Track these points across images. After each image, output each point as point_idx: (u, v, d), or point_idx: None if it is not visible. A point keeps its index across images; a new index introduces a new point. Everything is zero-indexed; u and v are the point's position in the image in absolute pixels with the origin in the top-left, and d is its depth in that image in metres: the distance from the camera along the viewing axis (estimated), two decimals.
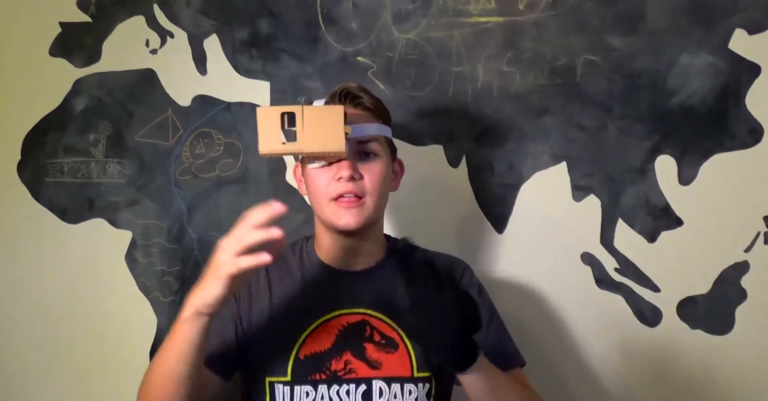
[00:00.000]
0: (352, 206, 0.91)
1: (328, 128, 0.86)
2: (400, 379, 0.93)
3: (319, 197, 0.93)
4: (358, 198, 0.91)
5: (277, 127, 0.87)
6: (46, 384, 1.40)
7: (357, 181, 0.91)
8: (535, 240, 1.24)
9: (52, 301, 1.39)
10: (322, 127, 0.86)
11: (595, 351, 1.24)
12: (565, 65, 1.20)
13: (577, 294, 1.23)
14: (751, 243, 1.17)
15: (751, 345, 1.18)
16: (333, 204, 0.91)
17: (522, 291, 1.25)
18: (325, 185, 0.91)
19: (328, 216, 0.92)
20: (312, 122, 0.86)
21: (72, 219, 1.37)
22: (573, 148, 1.21)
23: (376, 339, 0.94)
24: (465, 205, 1.25)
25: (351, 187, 0.90)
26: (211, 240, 1.32)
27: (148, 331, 1.36)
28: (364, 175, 0.92)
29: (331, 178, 0.91)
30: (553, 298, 1.24)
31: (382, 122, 0.97)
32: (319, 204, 0.93)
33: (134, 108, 1.34)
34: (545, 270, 1.24)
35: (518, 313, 1.25)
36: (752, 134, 1.16)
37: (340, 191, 0.90)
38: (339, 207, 0.91)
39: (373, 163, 0.93)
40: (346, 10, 1.25)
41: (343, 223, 0.91)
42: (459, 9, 1.21)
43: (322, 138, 0.86)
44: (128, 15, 1.33)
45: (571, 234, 1.23)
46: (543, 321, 1.25)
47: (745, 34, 1.14)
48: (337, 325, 0.94)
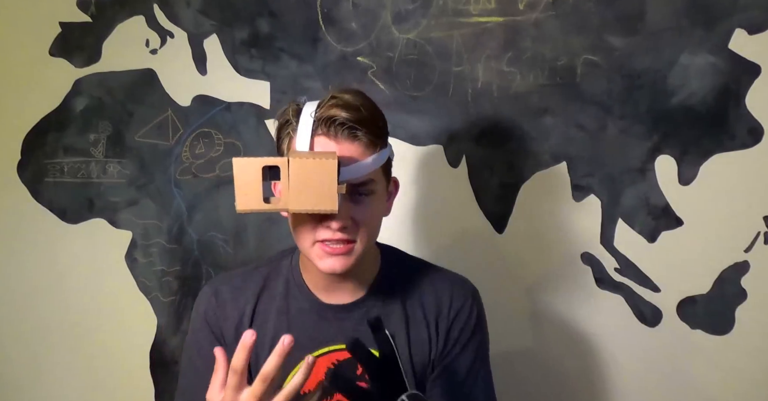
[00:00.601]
0: (339, 253, 0.80)
1: (318, 184, 0.73)
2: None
3: (302, 237, 0.82)
4: (348, 242, 0.81)
5: (258, 182, 0.74)
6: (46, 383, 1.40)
7: (349, 228, 0.80)
8: (535, 240, 1.24)
9: (52, 301, 1.39)
10: (311, 181, 0.73)
11: (595, 351, 1.24)
12: (565, 65, 1.19)
13: (577, 294, 1.23)
14: (751, 243, 1.17)
15: (751, 345, 1.18)
16: (318, 246, 0.81)
17: (522, 292, 1.25)
18: (310, 229, 0.80)
19: (311, 257, 0.82)
20: (300, 176, 0.73)
21: (72, 219, 1.37)
22: (573, 148, 1.21)
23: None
24: (465, 205, 1.25)
25: (340, 235, 0.79)
26: (211, 240, 1.33)
27: (148, 331, 1.36)
28: (356, 217, 0.80)
29: (318, 222, 0.80)
30: (553, 298, 1.24)
31: (380, 147, 0.82)
32: (301, 243, 0.82)
33: (134, 108, 1.34)
34: (545, 270, 1.24)
35: (518, 314, 1.25)
36: (752, 134, 1.16)
37: (327, 237, 0.80)
38: (324, 252, 0.80)
39: (366, 203, 0.82)
40: (346, 10, 1.25)
41: (328, 268, 0.81)
42: (459, 9, 1.21)
43: (311, 194, 0.74)
44: (128, 15, 1.33)
45: (571, 234, 1.23)
46: (543, 321, 1.25)
47: (745, 34, 1.14)
48: (326, 363, 0.87)
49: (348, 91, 0.83)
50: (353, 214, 0.80)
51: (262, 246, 1.31)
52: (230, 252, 1.32)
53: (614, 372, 1.24)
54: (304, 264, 0.90)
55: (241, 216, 1.31)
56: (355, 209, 0.80)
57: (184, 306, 1.35)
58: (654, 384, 1.22)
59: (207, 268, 1.33)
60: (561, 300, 1.24)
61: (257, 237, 1.32)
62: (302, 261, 0.90)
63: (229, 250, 1.33)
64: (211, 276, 1.33)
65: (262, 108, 1.30)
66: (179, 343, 1.35)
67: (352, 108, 0.79)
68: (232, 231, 1.32)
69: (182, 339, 1.34)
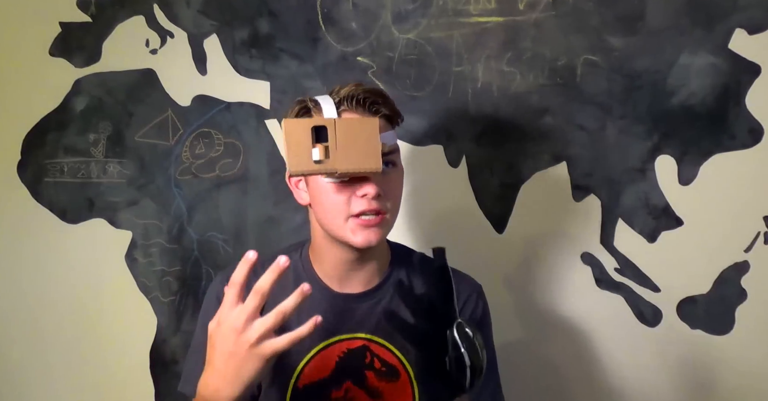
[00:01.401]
0: (373, 224, 0.83)
1: (363, 143, 0.77)
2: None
3: (334, 213, 0.84)
4: (379, 214, 0.84)
5: (308, 143, 0.77)
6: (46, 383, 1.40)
7: (380, 198, 0.83)
8: (535, 240, 1.24)
9: (52, 301, 1.39)
10: (357, 141, 0.77)
11: (595, 351, 1.24)
12: (565, 65, 1.19)
13: (577, 294, 1.23)
14: (751, 243, 1.17)
15: (751, 345, 1.18)
16: (353, 221, 0.83)
17: (522, 292, 1.25)
18: (344, 201, 0.83)
19: (344, 233, 0.84)
20: (346, 137, 0.77)
21: (72, 219, 1.37)
22: (573, 148, 1.21)
23: (376, 367, 0.89)
24: (465, 205, 1.25)
25: (375, 205, 0.82)
26: (211, 240, 1.33)
27: (148, 331, 1.36)
28: (385, 189, 0.84)
29: (351, 194, 0.83)
30: (553, 298, 1.24)
31: (395, 126, 0.90)
32: (333, 220, 0.85)
33: (134, 108, 1.34)
34: (545, 270, 1.24)
35: (518, 314, 1.25)
36: (752, 134, 1.16)
37: (363, 209, 0.82)
38: (359, 225, 0.83)
39: (393, 175, 0.86)
40: (346, 10, 1.25)
41: (363, 242, 0.83)
42: (459, 9, 1.21)
43: (356, 154, 0.78)
44: (128, 15, 1.33)
45: (571, 234, 1.23)
46: (543, 321, 1.25)
47: (745, 34, 1.14)
48: (337, 352, 0.89)
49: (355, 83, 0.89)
50: (384, 184, 0.84)
51: (262, 246, 1.31)
52: (230, 252, 1.32)
53: (614, 372, 1.24)
54: (315, 256, 0.92)
55: (241, 216, 1.31)
56: (384, 180, 0.84)
57: (184, 306, 1.35)
58: (654, 384, 1.22)
59: (207, 268, 1.33)
60: (561, 300, 1.24)
61: (257, 237, 1.32)
62: (314, 253, 0.93)
63: (229, 250, 1.33)
64: (211, 276, 1.33)
65: (262, 108, 1.30)
66: (179, 343, 1.35)
67: (370, 88, 0.86)
68: (232, 231, 1.32)
69: (182, 339, 1.34)
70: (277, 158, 1.30)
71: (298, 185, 0.90)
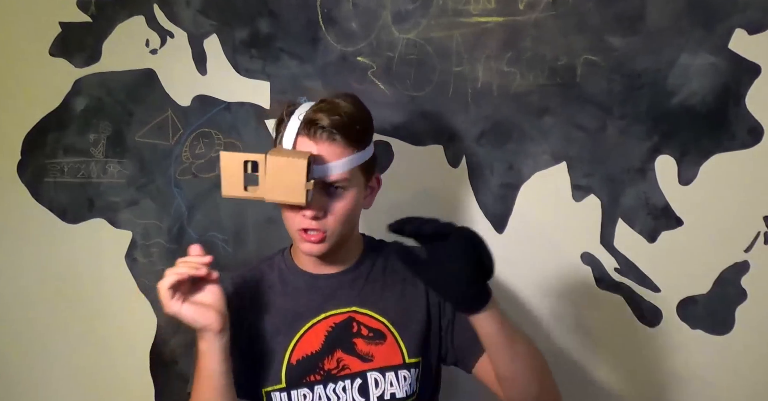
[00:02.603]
0: (314, 241, 0.91)
1: (290, 180, 0.85)
2: (393, 367, 0.95)
3: (288, 225, 0.94)
4: (319, 231, 0.91)
5: (240, 173, 0.87)
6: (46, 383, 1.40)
7: (321, 219, 0.90)
8: (535, 240, 1.24)
9: (52, 301, 1.39)
10: (284, 177, 0.85)
11: (595, 351, 1.24)
12: (565, 65, 1.19)
13: (577, 294, 1.23)
14: (751, 243, 1.17)
15: (751, 345, 1.18)
16: (299, 233, 0.92)
17: (522, 291, 1.25)
18: (291, 216, 0.92)
19: (295, 241, 0.94)
20: (275, 172, 0.85)
21: (72, 219, 1.37)
22: (573, 148, 1.21)
23: (363, 334, 0.96)
24: (465, 205, 1.25)
25: (314, 225, 0.90)
26: (211, 240, 1.33)
27: (148, 331, 1.36)
28: (329, 211, 0.91)
29: (296, 211, 0.90)
30: (553, 298, 1.24)
31: (358, 149, 0.91)
32: (289, 229, 0.94)
33: (134, 108, 1.34)
34: (545, 270, 1.24)
35: (518, 313, 1.25)
36: (752, 134, 1.16)
37: (304, 226, 0.91)
38: (303, 239, 0.92)
39: (339, 198, 0.91)
40: (346, 10, 1.25)
41: (307, 251, 0.93)
42: (459, 9, 1.21)
43: (284, 188, 0.85)
44: (128, 15, 1.33)
45: (571, 234, 1.23)
46: (543, 321, 1.25)
47: (745, 34, 1.14)
48: (325, 327, 0.96)
49: (339, 95, 0.93)
50: (327, 206, 0.91)
51: (262, 246, 1.31)
52: (230, 252, 1.32)
53: (614, 372, 1.24)
54: (296, 250, 1.00)
55: (241, 216, 1.32)
56: (329, 202, 0.91)
57: None
58: (654, 384, 1.22)
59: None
60: (561, 300, 1.24)
61: (257, 237, 1.32)
62: (295, 248, 1.01)
63: (229, 250, 1.33)
64: None
65: (262, 108, 1.30)
66: (179, 343, 1.35)
67: (334, 113, 0.89)
68: (232, 231, 1.32)
69: (182, 339, 1.34)
70: None
71: None
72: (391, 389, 0.94)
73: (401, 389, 0.95)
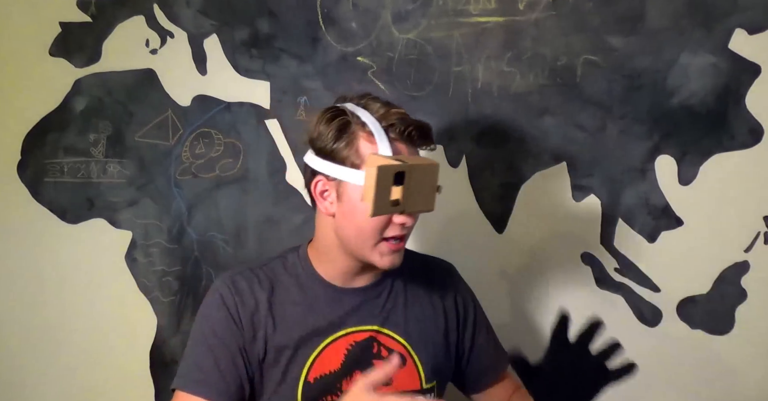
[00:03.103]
0: (399, 249, 0.89)
1: (426, 186, 0.82)
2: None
3: (367, 234, 0.87)
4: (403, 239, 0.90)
5: (390, 187, 0.79)
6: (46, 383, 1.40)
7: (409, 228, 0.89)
8: (535, 240, 1.24)
9: (51, 301, 1.39)
10: (422, 185, 0.82)
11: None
12: (565, 65, 1.19)
13: (577, 294, 1.23)
14: (751, 243, 1.17)
15: (751, 345, 1.18)
16: (383, 244, 0.88)
17: (522, 292, 1.25)
18: (381, 225, 0.86)
19: (370, 254, 0.88)
20: (415, 181, 0.81)
21: (72, 219, 1.37)
22: (573, 148, 1.21)
23: (384, 356, 0.93)
24: (465, 205, 1.25)
25: (406, 232, 0.89)
26: (211, 240, 1.33)
27: (148, 331, 1.36)
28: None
29: (388, 220, 0.86)
30: (553, 298, 1.24)
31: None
32: (364, 242, 0.88)
33: (134, 108, 1.34)
34: (545, 270, 1.24)
35: (518, 313, 1.25)
36: (752, 134, 1.16)
37: (398, 234, 0.87)
38: (390, 250, 0.88)
39: None
40: (346, 10, 1.25)
41: (389, 265, 0.89)
42: (459, 9, 1.21)
43: (420, 196, 0.82)
44: (128, 15, 1.33)
45: (571, 234, 1.23)
46: (543, 321, 1.25)
47: (745, 34, 1.14)
48: (345, 344, 0.92)
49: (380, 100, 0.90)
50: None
51: (262, 246, 1.31)
52: (230, 252, 1.32)
53: None
54: (320, 257, 0.94)
55: (241, 216, 1.31)
56: None
57: (184, 306, 1.35)
58: (654, 384, 1.22)
59: (207, 268, 1.33)
60: (561, 300, 1.24)
61: (257, 237, 1.32)
62: (318, 254, 0.95)
63: (229, 250, 1.33)
64: (211, 276, 1.33)
65: (262, 108, 1.30)
66: (179, 343, 1.35)
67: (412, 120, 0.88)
68: (232, 231, 1.32)
69: (182, 339, 1.34)
70: (277, 158, 1.30)
71: (324, 195, 0.90)
72: None
73: None
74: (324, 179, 0.88)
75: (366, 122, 0.85)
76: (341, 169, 0.86)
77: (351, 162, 0.85)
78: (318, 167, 0.88)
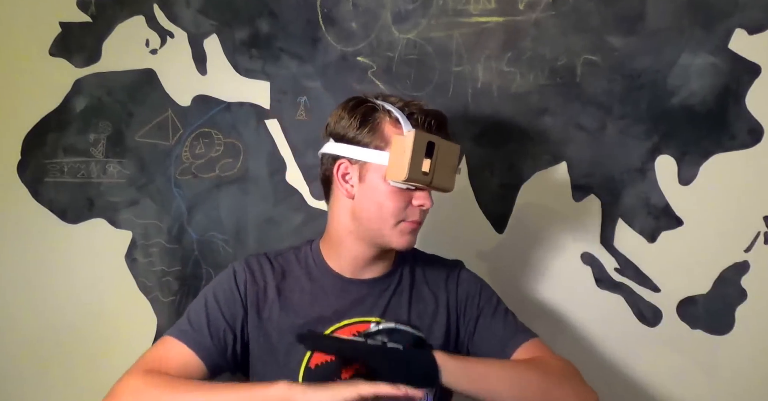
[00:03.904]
0: (416, 230, 0.94)
1: (449, 165, 0.87)
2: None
3: (386, 216, 0.92)
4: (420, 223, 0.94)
5: (422, 156, 0.85)
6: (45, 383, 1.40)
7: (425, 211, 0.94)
8: (535, 240, 1.24)
9: (51, 301, 1.38)
10: (446, 162, 0.87)
11: (595, 351, 1.24)
12: (565, 65, 1.19)
13: (577, 294, 1.23)
14: (751, 243, 1.17)
15: (751, 345, 1.18)
16: (402, 225, 0.92)
17: (522, 292, 1.25)
18: (401, 207, 0.91)
19: (389, 233, 0.93)
20: (442, 157, 0.87)
21: (72, 219, 1.37)
22: (573, 148, 1.21)
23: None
24: (465, 205, 1.25)
25: (424, 216, 0.94)
26: (211, 240, 1.33)
27: (148, 331, 1.36)
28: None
29: (407, 202, 0.91)
30: (553, 298, 1.24)
31: None
32: (383, 223, 0.92)
33: (134, 108, 1.34)
34: (545, 270, 1.24)
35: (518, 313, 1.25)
36: (752, 134, 1.16)
37: (417, 218, 0.92)
38: (406, 230, 0.93)
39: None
40: (346, 10, 1.25)
41: (407, 244, 0.93)
42: (459, 9, 1.21)
43: (444, 174, 0.87)
44: (128, 15, 1.33)
45: (571, 234, 1.23)
46: (543, 321, 1.25)
47: (745, 34, 1.14)
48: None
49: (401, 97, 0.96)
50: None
51: (262, 246, 1.31)
52: (230, 252, 1.32)
53: (614, 372, 1.24)
54: (331, 249, 0.99)
55: (241, 216, 1.31)
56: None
57: (184, 306, 1.34)
58: (654, 384, 1.22)
59: (207, 268, 1.33)
60: (561, 300, 1.24)
61: (257, 237, 1.32)
62: (329, 246, 0.99)
63: (229, 250, 1.32)
64: (211, 276, 1.33)
65: (262, 108, 1.30)
66: None
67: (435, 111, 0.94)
68: (232, 231, 1.32)
69: None
70: (277, 158, 1.30)
71: (346, 178, 0.94)
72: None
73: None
74: (347, 162, 0.93)
75: (391, 109, 0.91)
76: (366, 151, 0.91)
77: (375, 144, 0.90)
78: (340, 152, 0.93)
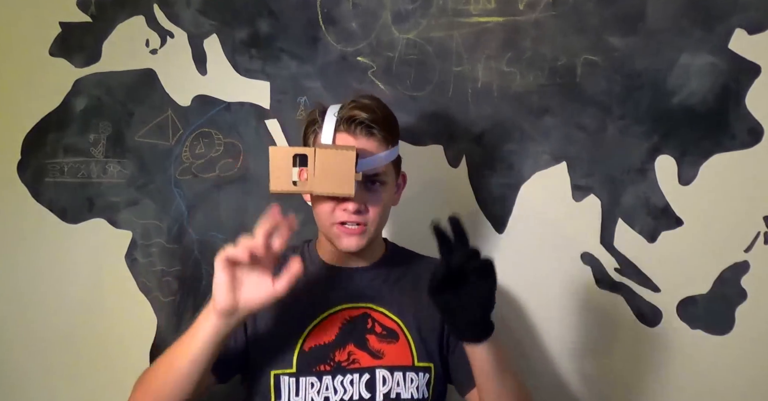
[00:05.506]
0: (354, 233, 0.95)
1: (338, 171, 0.88)
2: (402, 368, 0.97)
3: (323, 219, 0.96)
4: (359, 225, 0.95)
5: (289, 167, 0.89)
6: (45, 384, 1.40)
7: (362, 213, 0.94)
8: (535, 240, 1.24)
9: (51, 301, 1.39)
10: (333, 169, 0.88)
11: (595, 351, 1.24)
12: (565, 65, 1.19)
13: (577, 294, 1.23)
14: (751, 243, 1.17)
15: (751, 345, 1.18)
16: (336, 227, 0.95)
17: (522, 292, 1.25)
18: (330, 211, 0.94)
19: (330, 237, 0.97)
20: (323, 164, 0.88)
21: (72, 219, 1.37)
22: (573, 148, 1.21)
23: (377, 331, 0.98)
24: (465, 205, 1.25)
25: (355, 218, 0.94)
26: (211, 240, 1.33)
27: (148, 331, 1.36)
28: (368, 205, 0.95)
29: (336, 205, 0.94)
30: (553, 298, 1.24)
31: (392, 145, 0.97)
32: (322, 225, 0.97)
33: (134, 108, 1.34)
34: (545, 270, 1.24)
35: (518, 313, 1.25)
36: (752, 134, 1.16)
37: (343, 219, 0.94)
38: (341, 232, 0.95)
39: (378, 192, 0.96)
40: (346, 10, 1.25)
41: (344, 246, 0.95)
42: (459, 9, 1.21)
43: (332, 180, 0.88)
44: (128, 15, 1.33)
45: (571, 234, 1.23)
46: (543, 321, 1.25)
47: (745, 34, 1.14)
48: (340, 319, 0.98)
49: (365, 96, 0.97)
50: (366, 201, 0.94)
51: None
52: None
53: (614, 373, 1.24)
54: (320, 243, 1.04)
55: (241, 216, 1.31)
56: (368, 196, 0.95)
57: (184, 306, 1.35)
58: (654, 384, 1.22)
59: (207, 268, 1.33)
60: (561, 300, 1.24)
61: None
62: (319, 241, 1.05)
63: None
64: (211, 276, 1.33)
65: (262, 108, 1.30)
66: None
67: (369, 109, 0.94)
68: (232, 231, 1.32)
69: None
70: None
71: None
72: (398, 389, 0.96)
73: (407, 390, 0.96)
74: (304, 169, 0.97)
75: (324, 122, 0.94)
76: None
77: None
78: None
